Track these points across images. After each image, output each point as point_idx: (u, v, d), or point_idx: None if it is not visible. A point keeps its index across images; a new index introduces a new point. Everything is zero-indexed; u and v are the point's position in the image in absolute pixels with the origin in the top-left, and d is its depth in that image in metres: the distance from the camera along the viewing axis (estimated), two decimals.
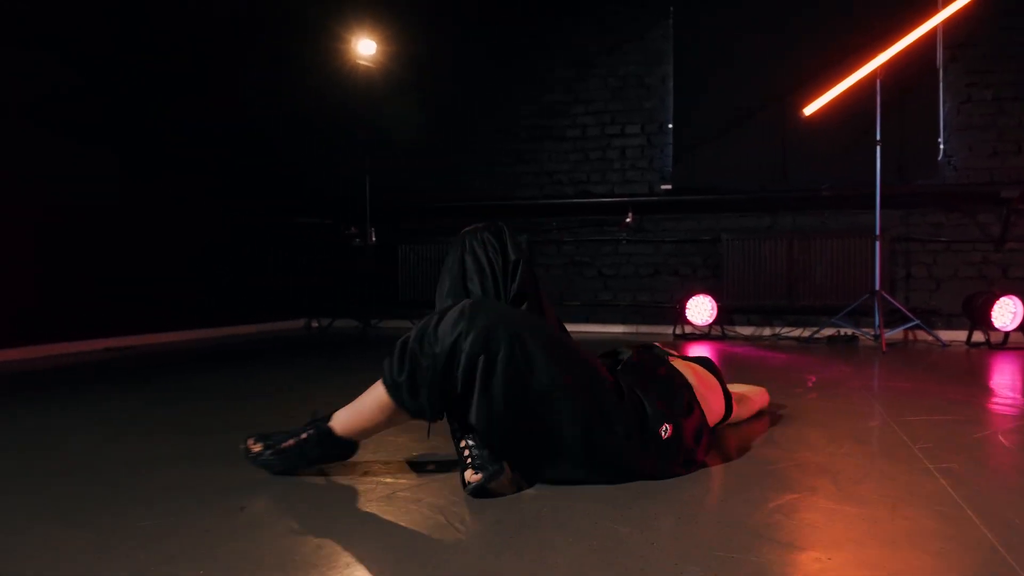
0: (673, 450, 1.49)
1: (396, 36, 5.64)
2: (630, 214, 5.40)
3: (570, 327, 1.92)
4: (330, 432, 1.46)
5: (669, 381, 1.62)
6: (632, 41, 5.50)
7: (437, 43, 5.82)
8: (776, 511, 1.28)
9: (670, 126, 5.42)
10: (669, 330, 5.28)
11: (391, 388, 1.37)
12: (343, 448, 1.49)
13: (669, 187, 5.41)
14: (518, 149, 5.78)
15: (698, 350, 4.20)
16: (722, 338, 5.05)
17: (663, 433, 1.47)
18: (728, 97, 5.24)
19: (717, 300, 5.06)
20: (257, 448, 1.49)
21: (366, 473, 1.53)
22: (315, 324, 6.12)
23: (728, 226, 5.29)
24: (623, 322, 5.52)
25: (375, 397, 1.41)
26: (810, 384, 2.85)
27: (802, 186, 5.03)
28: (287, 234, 5.96)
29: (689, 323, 5.07)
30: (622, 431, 1.41)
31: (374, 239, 5.83)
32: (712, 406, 1.76)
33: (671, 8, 5.39)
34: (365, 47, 5.35)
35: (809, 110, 4.66)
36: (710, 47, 5.31)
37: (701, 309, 5.06)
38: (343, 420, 1.46)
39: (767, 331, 5.18)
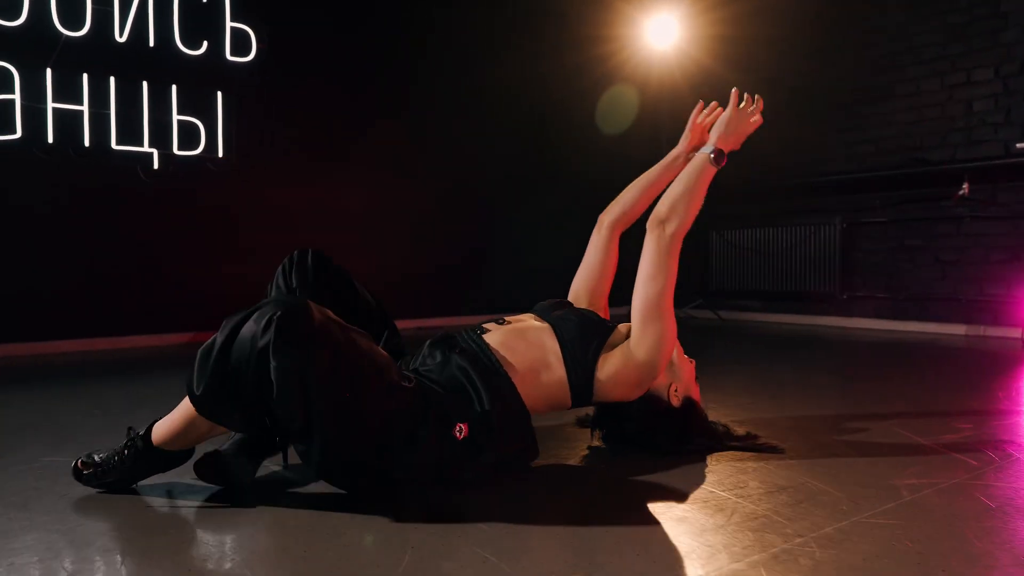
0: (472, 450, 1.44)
1: (691, 17, 5.44)
2: (966, 184, 4.25)
3: (894, 324, 1.93)
4: (149, 445, 1.45)
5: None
6: None
7: (740, 12, 5.40)
8: None
9: None
10: (1019, 333, 4.03)
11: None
12: (169, 459, 1.47)
13: None
14: (835, 116, 5.02)
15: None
16: None
17: (457, 434, 1.42)
18: None
19: None
20: (85, 469, 1.46)
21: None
22: None
23: None
24: (966, 321, 4.39)
25: (184, 405, 1.41)
26: None
27: None
28: None
29: None
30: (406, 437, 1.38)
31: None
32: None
33: None
34: (662, 31, 5.33)
35: None
36: None
37: None
38: (161, 432, 1.45)
39: None
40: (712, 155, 1.69)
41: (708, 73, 5.56)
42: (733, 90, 1.78)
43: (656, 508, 1.38)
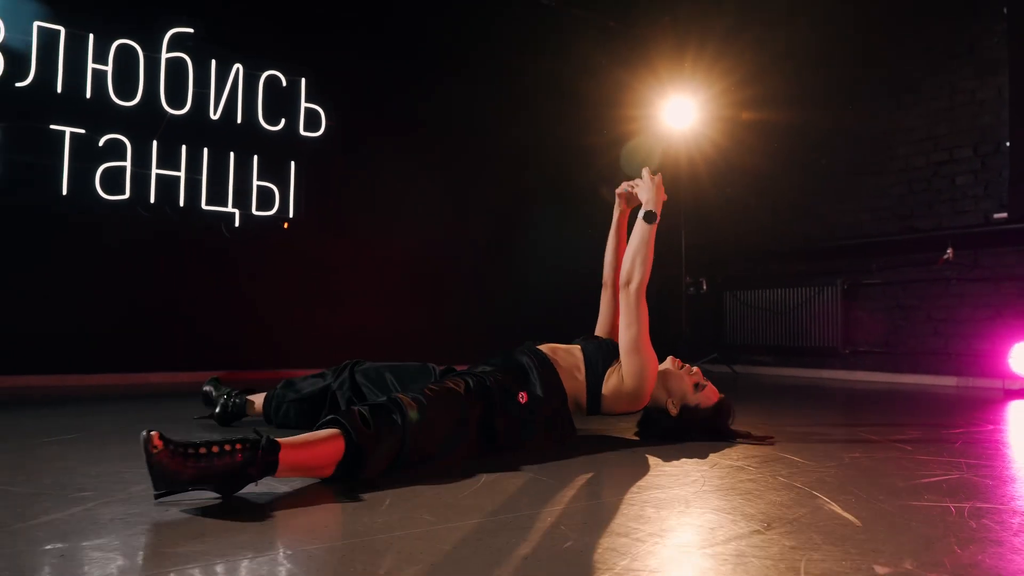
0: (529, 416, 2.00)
1: (707, 101, 6.10)
2: (950, 249, 4.75)
3: (892, 377, 2.48)
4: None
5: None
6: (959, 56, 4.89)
7: (750, 96, 6.04)
8: None
9: (1007, 144, 4.62)
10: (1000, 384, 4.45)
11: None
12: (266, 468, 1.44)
13: (1004, 215, 4.59)
14: (835, 188, 5.59)
15: (1013, 407, 3.64)
16: None
17: (520, 399, 1.99)
18: None
19: None
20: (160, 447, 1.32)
21: None
22: None
23: None
24: (956, 373, 4.82)
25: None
26: None
27: None
28: None
29: (1015, 376, 4.24)
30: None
31: (705, 288, 6.29)
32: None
33: (1004, 10, 4.65)
34: (679, 112, 5.98)
35: None
36: None
37: None
38: (290, 449, 1.48)
39: None
40: (644, 217, 2.27)
41: (718, 147, 6.19)
42: (645, 168, 2.37)
43: (660, 463, 1.87)
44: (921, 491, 1.60)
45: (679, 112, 6.00)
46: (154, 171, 4.48)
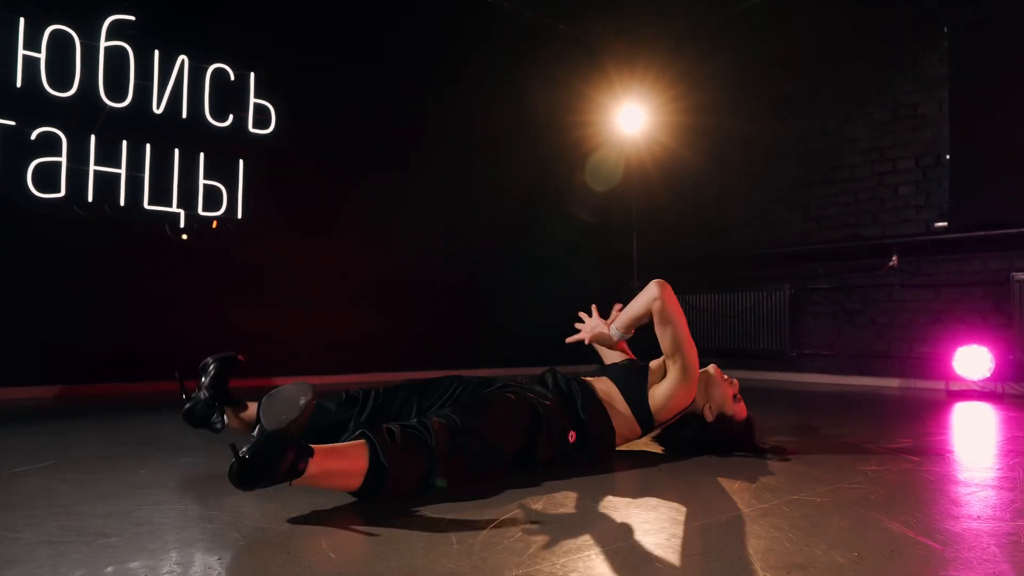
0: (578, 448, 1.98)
1: (658, 107, 6.17)
2: (895, 257, 4.96)
3: (838, 379, 2.43)
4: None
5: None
6: (905, 71, 5.09)
7: (701, 103, 6.15)
8: None
9: (947, 157, 4.85)
10: (943, 385, 4.67)
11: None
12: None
13: (945, 224, 4.82)
14: (783, 196, 5.74)
15: (963, 409, 3.79)
16: (1003, 396, 4.30)
17: (570, 439, 1.96)
18: (1019, 120, 4.51)
19: (1007, 352, 4.34)
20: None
21: None
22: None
23: (1023, 266, 4.49)
24: (899, 375, 5.02)
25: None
26: None
27: None
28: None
29: (958, 378, 4.46)
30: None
31: None
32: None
33: (944, 29, 4.86)
34: (631, 118, 6.03)
35: None
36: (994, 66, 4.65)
37: (974, 361, 4.41)
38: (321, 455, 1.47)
39: None
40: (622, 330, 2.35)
41: (671, 153, 6.28)
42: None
43: (684, 472, 1.84)
44: (970, 508, 1.62)
45: (631, 118, 6.04)
46: (92, 168, 4.17)
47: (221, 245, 4.65)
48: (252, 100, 4.78)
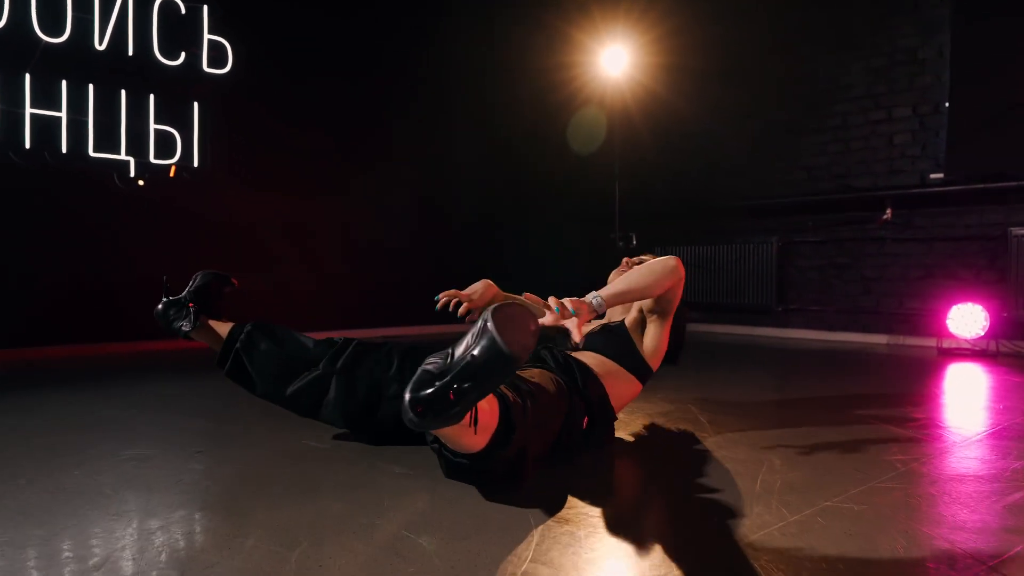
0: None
1: (642, 47, 5.84)
2: (888, 210, 4.77)
3: (825, 335, 2.19)
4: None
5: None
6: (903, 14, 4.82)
7: (686, 44, 5.83)
8: None
9: (947, 105, 4.62)
10: (934, 343, 4.54)
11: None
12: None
13: (941, 176, 4.62)
14: (771, 144, 5.50)
15: (957, 369, 3.64)
16: (996, 356, 4.18)
17: (583, 425, 1.78)
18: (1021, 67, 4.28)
19: (1001, 309, 4.21)
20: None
21: None
22: None
23: (1020, 220, 4.33)
24: (888, 332, 4.89)
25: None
26: None
27: None
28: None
29: (951, 336, 4.33)
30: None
31: (635, 243, 6.13)
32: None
33: None
34: (614, 60, 5.70)
35: None
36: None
37: (968, 320, 4.27)
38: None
39: None
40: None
41: (656, 98, 5.98)
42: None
43: (688, 466, 1.64)
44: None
45: (615, 60, 5.71)
46: (28, 110, 3.79)
47: (171, 194, 4.30)
48: (206, 36, 4.38)
